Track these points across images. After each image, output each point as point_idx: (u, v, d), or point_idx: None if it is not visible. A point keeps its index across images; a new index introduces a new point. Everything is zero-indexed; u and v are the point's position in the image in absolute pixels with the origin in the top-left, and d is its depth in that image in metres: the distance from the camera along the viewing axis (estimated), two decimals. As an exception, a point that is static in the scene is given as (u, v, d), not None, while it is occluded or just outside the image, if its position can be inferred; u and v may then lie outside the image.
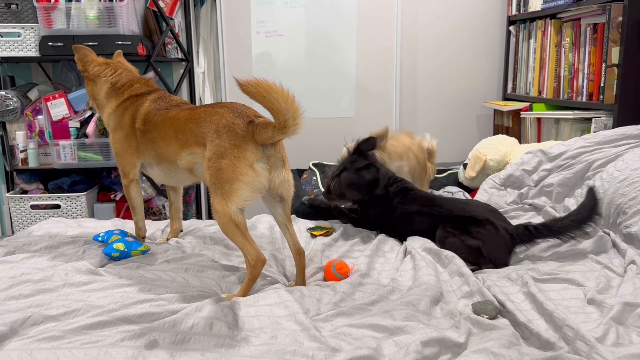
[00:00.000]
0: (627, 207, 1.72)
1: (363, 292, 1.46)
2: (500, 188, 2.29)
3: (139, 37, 2.92)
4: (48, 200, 3.05)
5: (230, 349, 1.14)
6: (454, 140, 3.46)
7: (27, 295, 1.34)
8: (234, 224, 1.47)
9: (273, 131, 1.42)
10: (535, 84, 2.97)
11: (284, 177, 1.53)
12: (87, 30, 2.81)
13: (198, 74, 3.41)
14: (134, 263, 1.63)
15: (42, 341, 1.12)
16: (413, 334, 1.18)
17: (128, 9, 2.84)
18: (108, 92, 1.79)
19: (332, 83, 3.34)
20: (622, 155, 1.95)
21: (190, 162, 1.59)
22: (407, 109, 3.45)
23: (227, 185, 1.44)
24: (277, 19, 3.27)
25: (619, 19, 2.24)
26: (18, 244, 1.76)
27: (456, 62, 3.41)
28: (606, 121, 2.35)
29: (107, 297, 1.35)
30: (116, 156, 1.78)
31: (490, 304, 1.34)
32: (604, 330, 1.20)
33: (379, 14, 3.26)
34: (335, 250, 1.85)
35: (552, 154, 2.20)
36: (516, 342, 1.17)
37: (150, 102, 1.70)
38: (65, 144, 2.98)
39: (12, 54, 2.87)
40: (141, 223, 1.88)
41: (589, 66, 2.45)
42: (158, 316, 1.24)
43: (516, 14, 3.18)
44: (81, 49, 1.82)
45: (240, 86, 1.38)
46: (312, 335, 1.18)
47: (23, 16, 2.91)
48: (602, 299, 1.34)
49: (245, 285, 1.49)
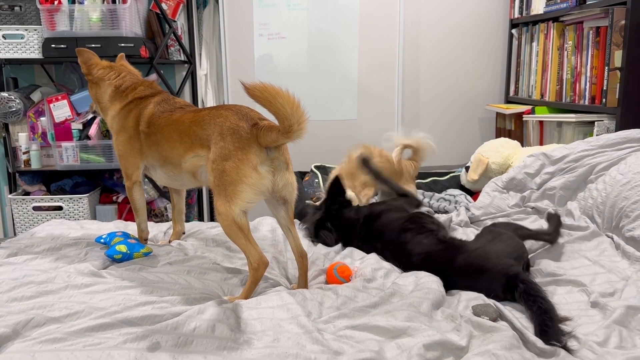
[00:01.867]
0: (630, 211, 1.71)
1: (365, 295, 1.45)
2: (502, 191, 2.29)
3: (142, 39, 2.92)
4: (50, 201, 3.05)
5: (233, 352, 1.14)
6: (456, 143, 3.45)
7: (29, 297, 1.35)
8: (237, 226, 1.47)
9: (277, 135, 1.42)
10: (537, 87, 2.97)
11: (287, 179, 1.53)
12: (90, 33, 2.81)
13: (200, 76, 3.42)
14: (136, 265, 1.63)
15: (45, 343, 1.12)
16: (415, 336, 1.18)
17: (131, 11, 2.85)
18: (112, 95, 1.79)
19: (334, 86, 3.34)
20: (625, 159, 1.95)
21: (194, 164, 1.59)
22: (409, 111, 3.45)
23: (231, 188, 1.44)
24: (279, 22, 3.27)
25: (622, 22, 2.24)
26: (20, 246, 1.76)
27: (458, 65, 3.41)
28: (609, 124, 2.35)
29: (110, 299, 1.35)
30: (119, 158, 1.78)
31: (490, 307, 1.34)
32: (607, 333, 1.20)
33: (382, 16, 3.27)
34: (337, 253, 1.84)
35: (554, 157, 2.19)
36: (518, 345, 1.17)
37: (154, 105, 1.70)
38: (67, 145, 2.99)
39: (15, 55, 2.88)
40: (144, 225, 1.88)
41: (592, 69, 2.45)
42: (160, 318, 1.24)
43: (518, 17, 3.18)
44: (85, 52, 1.82)
45: (246, 90, 1.38)
46: (314, 338, 1.18)
47: (26, 18, 2.92)
48: (605, 302, 1.34)
49: (247, 287, 1.48)
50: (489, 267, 1.46)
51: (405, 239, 1.67)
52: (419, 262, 1.60)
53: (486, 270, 1.46)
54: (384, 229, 1.77)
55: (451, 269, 1.52)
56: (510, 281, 1.40)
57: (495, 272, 1.44)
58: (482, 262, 1.48)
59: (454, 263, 1.52)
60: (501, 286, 1.42)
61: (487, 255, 1.50)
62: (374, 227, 1.80)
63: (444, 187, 2.78)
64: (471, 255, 1.51)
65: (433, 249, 1.60)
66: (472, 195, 2.61)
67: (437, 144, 2.54)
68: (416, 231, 1.68)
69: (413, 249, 1.63)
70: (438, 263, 1.55)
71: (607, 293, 1.41)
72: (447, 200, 2.58)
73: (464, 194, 2.59)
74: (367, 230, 1.82)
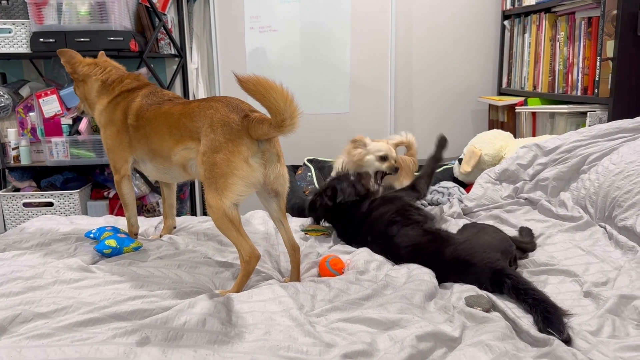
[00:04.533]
0: (623, 200, 1.71)
1: (358, 287, 1.44)
2: (495, 182, 2.29)
3: (132, 32, 2.89)
4: (41, 197, 3.02)
5: (224, 345, 1.13)
6: (449, 135, 3.40)
7: (17, 292, 1.32)
8: (228, 219, 1.45)
9: (269, 128, 1.40)
10: (530, 79, 2.97)
11: (279, 172, 1.52)
12: (79, 26, 2.78)
13: (191, 70, 3.39)
14: (126, 260, 1.61)
15: (32, 339, 1.10)
16: (408, 328, 1.17)
17: (120, 5, 2.81)
18: (99, 89, 1.77)
19: (327, 79, 3.32)
20: (618, 149, 1.95)
21: (184, 157, 1.57)
22: (402, 104, 3.43)
23: (222, 180, 1.43)
24: (271, 14, 3.25)
25: (614, 12, 2.24)
26: (9, 242, 1.74)
27: (451, 57, 3.40)
28: (601, 115, 2.35)
29: (99, 294, 1.33)
30: (108, 152, 1.76)
31: (483, 297, 1.34)
32: (600, 322, 1.20)
33: (374, 9, 3.25)
34: (329, 246, 1.83)
35: (547, 148, 2.19)
36: (511, 335, 1.17)
37: (142, 97, 1.68)
38: (57, 141, 2.95)
39: (3, 50, 2.84)
40: (133, 220, 1.86)
41: (584, 60, 2.44)
42: (150, 313, 1.23)
43: (510, 8, 3.18)
44: (66, 52, 1.81)
45: (240, 82, 1.36)
46: (306, 331, 1.17)
47: (14, 12, 2.88)
48: (598, 291, 1.34)
49: (239, 281, 1.47)
50: (475, 262, 1.45)
51: (392, 232, 1.66)
52: (406, 254, 1.59)
53: (472, 265, 1.45)
54: (373, 222, 1.76)
55: (439, 262, 1.51)
56: (496, 276, 1.39)
57: (481, 266, 1.43)
58: (468, 255, 1.47)
59: (442, 256, 1.51)
60: (488, 280, 1.41)
61: (474, 249, 1.49)
62: (367, 220, 1.79)
63: (437, 179, 2.77)
64: (458, 249, 1.50)
65: (419, 241, 1.60)
66: (465, 187, 2.61)
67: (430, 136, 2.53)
68: (402, 223, 1.67)
69: (400, 242, 1.62)
70: (426, 255, 1.54)
71: (600, 283, 1.41)
72: (440, 192, 2.57)
73: (457, 186, 2.58)
74: (359, 224, 1.81)
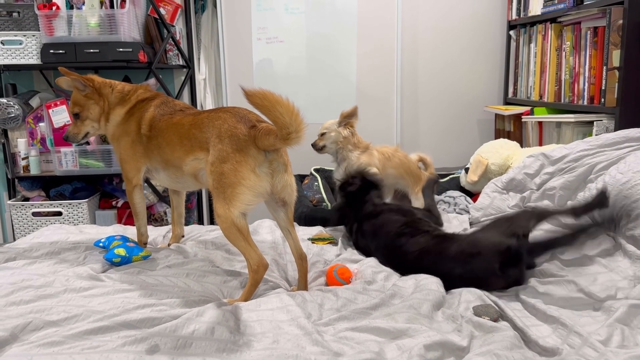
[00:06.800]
0: (630, 210, 1.71)
1: (365, 296, 1.45)
2: (502, 192, 2.28)
3: (140, 44, 2.92)
4: (50, 207, 3.05)
5: (232, 354, 1.13)
6: (455, 145, 3.45)
7: (27, 301, 1.34)
8: (236, 229, 1.46)
9: (275, 140, 1.42)
10: (536, 88, 2.97)
11: (286, 181, 1.53)
12: (89, 38, 2.82)
13: (199, 80, 3.42)
14: (135, 268, 1.62)
15: (43, 347, 1.11)
16: (416, 337, 1.17)
17: (129, 16, 2.85)
18: (117, 100, 1.78)
19: (333, 88, 3.34)
20: (625, 158, 1.94)
21: (194, 167, 1.59)
22: (408, 113, 3.44)
23: (230, 190, 1.44)
24: (277, 26, 3.28)
25: (619, 22, 2.24)
26: (19, 251, 1.76)
27: (457, 67, 3.41)
28: (608, 124, 2.35)
29: (108, 302, 1.34)
30: (121, 162, 1.78)
31: (491, 307, 1.34)
32: (609, 332, 1.19)
33: (380, 19, 3.27)
34: (337, 255, 1.84)
35: (554, 158, 2.19)
36: (519, 345, 1.17)
37: (154, 108, 1.70)
38: (66, 151, 2.99)
39: (14, 61, 2.88)
40: (143, 229, 1.87)
41: (590, 69, 2.45)
42: (159, 321, 1.24)
43: (516, 18, 3.19)
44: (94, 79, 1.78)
45: (247, 95, 1.38)
46: (314, 340, 1.17)
47: (24, 24, 2.92)
48: (607, 301, 1.33)
49: (247, 290, 1.48)
50: (480, 250, 1.47)
51: (399, 243, 1.67)
52: (413, 259, 1.60)
53: (477, 254, 1.47)
54: (378, 231, 1.77)
55: (445, 259, 1.53)
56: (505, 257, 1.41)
57: (486, 252, 1.45)
58: (473, 247, 1.50)
59: (448, 253, 1.54)
60: (498, 263, 1.42)
61: (478, 240, 1.52)
62: (372, 226, 1.80)
63: (444, 188, 2.78)
64: (462, 244, 1.54)
65: (426, 245, 1.61)
66: (472, 197, 2.61)
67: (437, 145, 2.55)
68: (411, 235, 1.68)
69: (408, 249, 1.64)
70: (432, 256, 1.56)
71: (609, 292, 1.40)
72: (447, 202, 2.57)
73: (464, 196, 2.58)
74: (363, 229, 1.82)
